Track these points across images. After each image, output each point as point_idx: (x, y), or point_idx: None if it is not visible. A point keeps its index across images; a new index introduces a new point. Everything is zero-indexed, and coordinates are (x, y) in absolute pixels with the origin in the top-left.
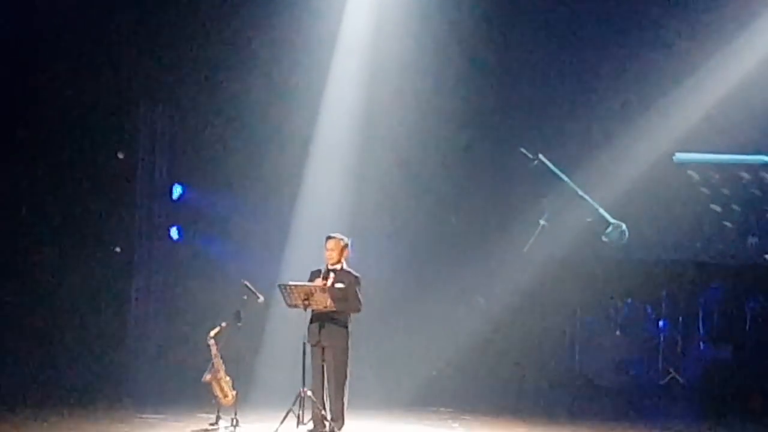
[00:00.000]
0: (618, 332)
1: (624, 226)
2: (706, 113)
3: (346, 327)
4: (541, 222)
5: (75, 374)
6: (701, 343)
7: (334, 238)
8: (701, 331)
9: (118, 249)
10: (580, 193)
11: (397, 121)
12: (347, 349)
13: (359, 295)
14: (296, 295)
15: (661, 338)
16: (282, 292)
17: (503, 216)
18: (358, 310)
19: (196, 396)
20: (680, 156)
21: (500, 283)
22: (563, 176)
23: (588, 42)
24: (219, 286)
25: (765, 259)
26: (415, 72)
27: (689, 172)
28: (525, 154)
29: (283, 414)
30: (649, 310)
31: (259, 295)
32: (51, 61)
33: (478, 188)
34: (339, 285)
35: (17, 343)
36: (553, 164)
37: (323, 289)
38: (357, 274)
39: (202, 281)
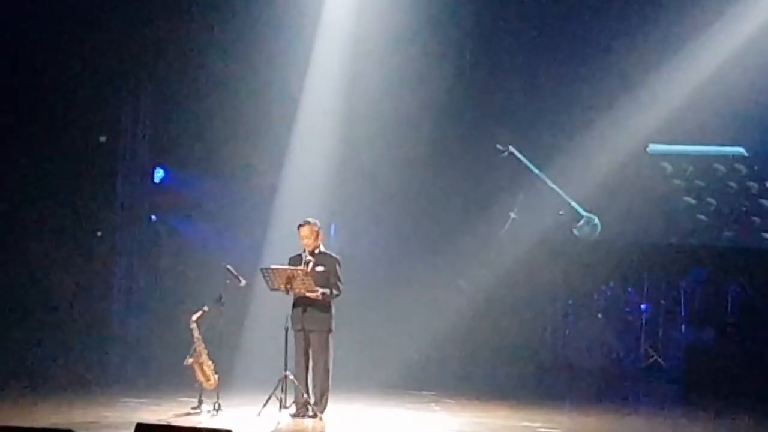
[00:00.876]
0: (600, 315)
1: (596, 220)
2: (681, 104)
3: (329, 311)
4: (512, 215)
5: (58, 358)
6: (683, 327)
7: (306, 224)
8: (683, 314)
9: (99, 233)
10: (551, 185)
11: (378, 107)
12: (330, 332)
13: (339, 277)
14: (278, 278)
15: (643, 321)
16: (264, 276)
17: (485, 200)
18: (339, 293)
19: (178, 380)
20: (654, 147)
21: (483, 267)
22: (534, 168)
23: (561, 34)
24: (201, 270)
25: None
26: (396, 59)
27: (663, 163)
28: (497, 148)
29: (266, 398)
30: (632, 294)
31: (242, 279)
32: (33, 46)
33: (460, 172)
34: (319, 268)
35: None
36: (526, 156)
37: (305, 272)
38: (336, 256)
39: (184, 265)
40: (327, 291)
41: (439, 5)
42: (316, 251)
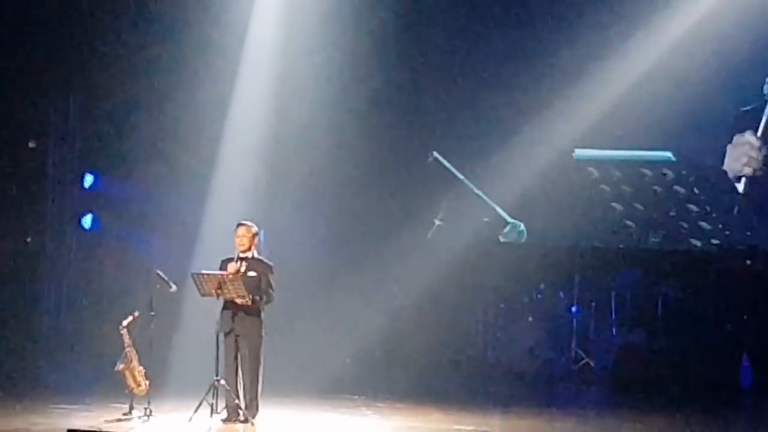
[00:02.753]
0: (531, 318)
1: (522, 226)
2: (608, 109)
3: (259, 315)
4: (437, 221)
5: None
6: (613, 329)
7: (244, 224)
8: (613, 316)
9: (29, 239)
10: (476, 191)
11: (307, 113)
12: (261, 337)
13: (272, 284)
14: (209, 283)
15: (574, 324)
16: (195, 281)
17: (414, 205)
18: (270, 300)
19: (109, 386)
20: (580, 153)
21: (414, 272)
22: (458, 174)
23: (488, 41)
24: (131, 275)
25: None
26: (324, 65)
27: (589, 168)
28: (436, 158)
29: (197, 403)
30: (562, 296)
31: (172, 284)
32: None
33: (390, 177)
34: (251, 273)
35: None
36: (450, 162)
37: (236, 277)
38: (270, 263)
39: (114, 270)
40: (257, 297)
41: (366, 12)
42: (250, 256)
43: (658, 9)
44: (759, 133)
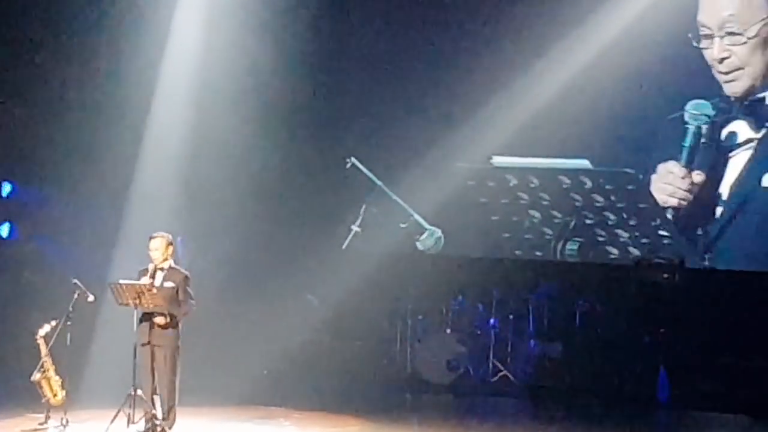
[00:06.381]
0: (449, 330)
1: (439, 233)
2: (526, 117)
3: (176, 326)
4: (354, 228)
5: None
6: (531, 341)
7: (157, 237)
8: (531, 329)
9: None
10: (394, 197)
11: (226, 120)
12: (177, 348)
13: (190, 294)
14: (126, 294)
15: (492, 336)
16: (112, 291)
17: (332, 213)
18: (191, 311)
19: (25, 396)
20: (498, 160)
21: (332, 282)
22: (376, 180)
23: (408, 47)
24: (49, 285)
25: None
26: (244, 75)
27: (507, 176)
28: (354, 164)
29: (114, 414)
30: (480, 309)
31: (90, 294)
32: None
33: (307, 185)
34: (169, 284)
35: None
36: (368, 168)
37: (152, 286)
38: (186, 272)
39: (31, 279)
40: (176, 312)
41: (286, 18)
42: (166, 266)
43: (579, 20)
44: (682, 163)
